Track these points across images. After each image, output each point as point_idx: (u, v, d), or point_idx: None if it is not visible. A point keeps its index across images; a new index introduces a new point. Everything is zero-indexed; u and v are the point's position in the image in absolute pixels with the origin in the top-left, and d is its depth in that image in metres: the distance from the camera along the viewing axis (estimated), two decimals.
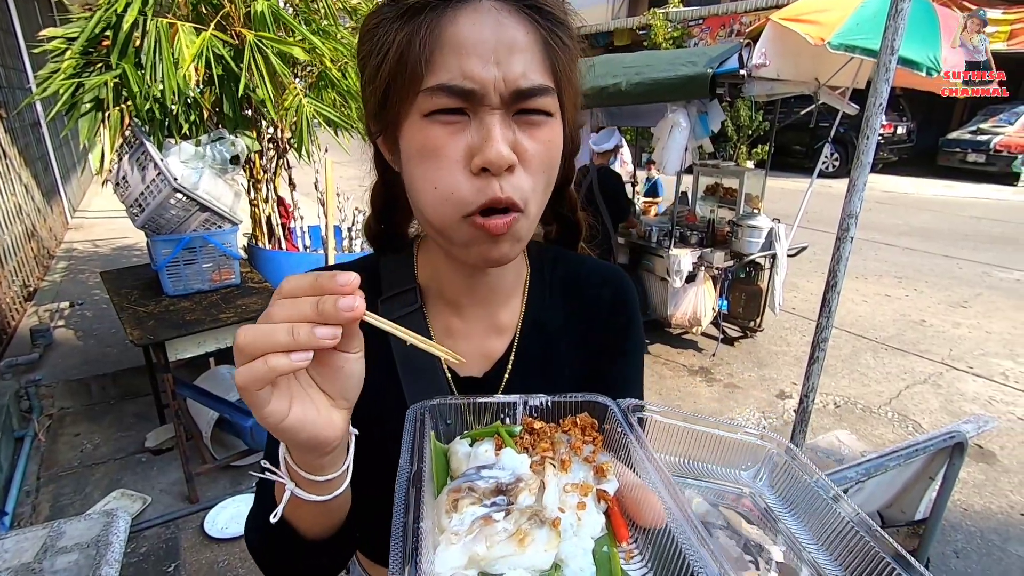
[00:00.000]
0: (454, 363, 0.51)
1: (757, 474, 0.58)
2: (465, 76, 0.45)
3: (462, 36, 0.45)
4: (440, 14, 0.45)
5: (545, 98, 0.48)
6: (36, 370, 3.18)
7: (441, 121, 0.47)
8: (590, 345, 0.65)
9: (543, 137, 0.49)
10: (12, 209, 4.17)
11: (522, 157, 0.48)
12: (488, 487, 0.42)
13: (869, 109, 0.86)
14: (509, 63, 0.45)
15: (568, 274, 0.67)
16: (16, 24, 5.42)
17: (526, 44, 0.46)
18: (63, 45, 2.43)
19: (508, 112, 0.47)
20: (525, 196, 0.49)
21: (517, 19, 0.46)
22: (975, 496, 2.54)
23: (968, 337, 4.17)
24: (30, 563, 1.57)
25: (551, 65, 0.48)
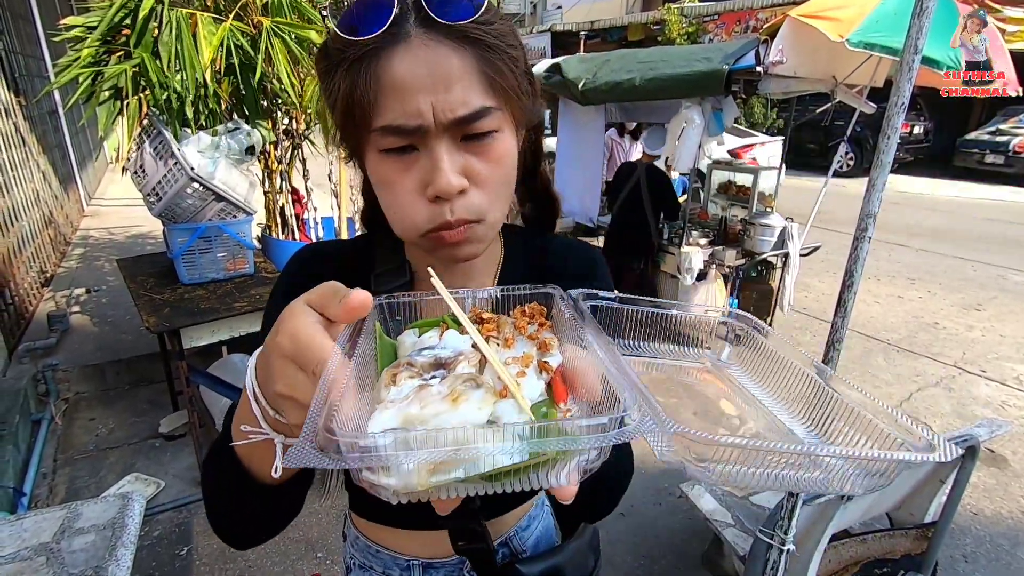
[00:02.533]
0: None
1: (723, 352, 0.58)
2: (407, 115, 0.47)
3: (398, 77, 0.47)
4: (376, 59, 0.47)
5: (488, 119, 0.50)
6: (53, 354, 3.24)
7: (393, 158, 0.50)
8: None
9: (493, 155, 0.52)
10: (30, 196, 4.23)
11: (475, 178, 0.51)
12: (427, 361, 0.41)
13: (890, 108, 0.86)
14: (446, 94, 0.47)
15: (537, 250, 0.71)
16: (35, 12, 5.48)
17: (460, 72, 0.48)
18: (83, 33, 2.46)
19: (455, 138, 0.50)
20: (480, 211, 0.53)
21: (448, 50, 0.47)
22: (985, 500, 2.52)
23: (981, 340, 4.12)
24: (48, 543, 1.61)
25: (490, 84, 0.49)
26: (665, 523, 2.37)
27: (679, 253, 3.67)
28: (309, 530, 2.24)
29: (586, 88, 3.87)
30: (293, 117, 3.15)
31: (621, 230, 3.99)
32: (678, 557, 2.20)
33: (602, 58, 4.06)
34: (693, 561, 2.17)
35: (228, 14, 2.49)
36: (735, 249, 3.75)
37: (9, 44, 4.38)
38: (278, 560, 2.11)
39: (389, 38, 0.47)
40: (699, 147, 3.47)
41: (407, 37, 0.47)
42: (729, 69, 3.06)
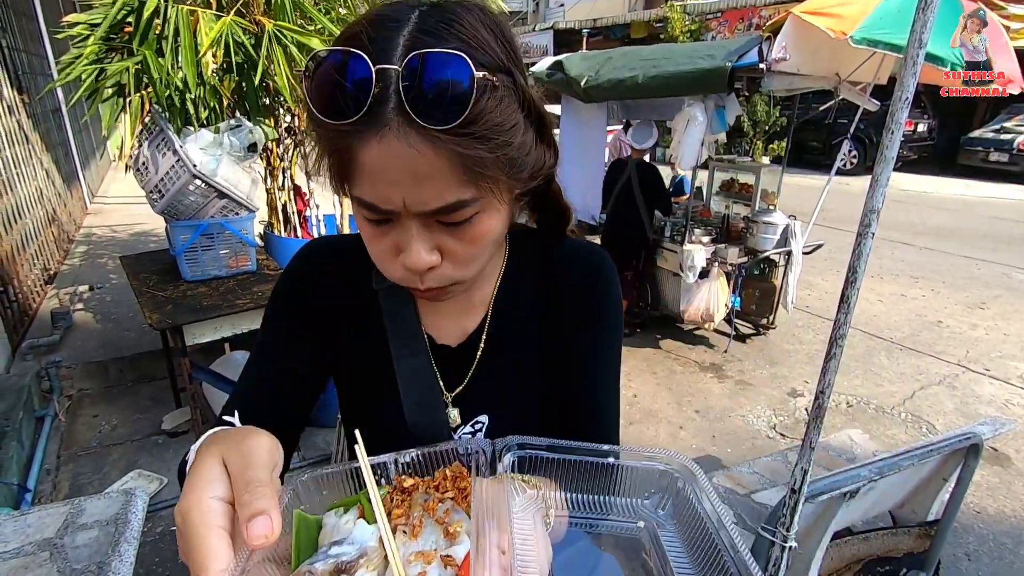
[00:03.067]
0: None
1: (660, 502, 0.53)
2: (379, 199, 0.47)
3: (370, 165, 0.45)
4: (352, 140, 0.45)
5: (465, 209, 0.47)
6: (56, 351, 3.25)
7: (371, 220, 0.50)
8: (562, 321, 0.67)
9: (470, 236, 0.50)
10: (34, 194, 4.24)
11: (448, 255, 0.51)
12: (327, 568, 0.40)
13: (894, 103, 0.85)
14: (416, 190, 0.45)
15: (544, 254, 0.68)
16: (38, 10, 5.49)
17: (434, 170, 0.44)
18: (86, 31, 2.46)
19: (429, 219, 0.48)
20: (453, 279, 0.52)
21: (423, 144, 0.43)
22: (988, 499, 2.52)
23: (985, 339, 4.11)
24: (52, 538, 1.62)
25: (471, 177, 0.46)
26: None
27: (681, 251, 3.66)
28: None
29: (588, 86, 3.86)
30: (295, 115, 3.16)
31: (615, 228, 4.00)
32: None
33: (604, 56, 4.05)
34: None
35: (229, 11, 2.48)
36: (738, 247, 3.75)
37: (12, 42, 4.39)
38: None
39: (365, 120, 0.43)
40: (702, 145, 3.46)
41: (384, 124, 0.43)
42: (732, 66, 3.05)
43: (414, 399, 0.64)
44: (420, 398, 0.65)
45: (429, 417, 0.65)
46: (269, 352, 0.68)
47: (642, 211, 3.82)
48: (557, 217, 0.67)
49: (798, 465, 1.15)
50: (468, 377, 0.66)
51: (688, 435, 2.99)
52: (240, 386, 0.68)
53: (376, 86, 0.42)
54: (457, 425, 0.66)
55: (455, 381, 0.67)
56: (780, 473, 2.16)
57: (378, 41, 0.43)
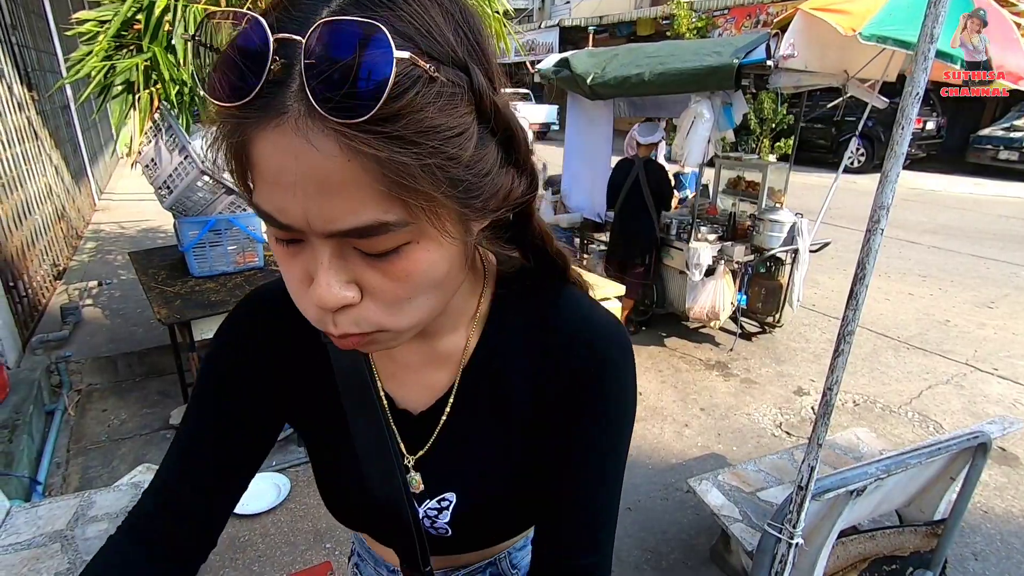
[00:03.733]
0: None
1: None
2: (278, 210, 0.35)
3: (265, 164, 0.34)
4: (247, 127, 0.34)
5: (388, 236, 0.36)
6: (66, 346, 3.28)
7: (277, 236, 0.39)
8: (552, 402, 0.53)
9: (397, 272, 0.38)
10: (43, 190, 4.27)
11: (370, 293, 0.39)
12: None
13: (905, 99, 0.85)
14: (321, 203, 0.34)
15: (540, 312, 0.54)
16: (47, 7, 5.52)
17: (343, 176, 0.33)
18: (96, 28, 2.47)
19: (344, 244, 0.37)
20: (376, 324, 0.40)
21: (329, 143, 0.32)
22: (996, 499, 2.51)
23: (993, 338, 4.08)
24: (63, 530, 1.64)
25: (391, 191, 0.34)
26: (672, 518, 2.37)
27: (687, 249, 3.65)
28: (318, 521, 2.26)
29: (594, 83, 3.86)
30: None
31: (624, 226, 3.99)
32: (685, 552, 2.20)
33: (611, 53, 4.04)
34: (701, 556, 2.17)
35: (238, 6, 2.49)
36: (744, 245, 3.73)
37: (22, 39, 4.42)
38: (287, 550, 2.14)
39: (260, 104, 0.32)
40: (708, 142, 3.45)
41: (282, 112, 0.32)
42: (739, 63, 3.04)
43: (372, 467, 0.56)
44: (377, 467, 0.56)
45: (388, 487, 0.56)
46: (199, 427, 0.57)
47: (651, 209, 3.81)
48: (546, 264, 0.54)
49: (805, 462, 1.15)
50: (430, 443, 0.56)
51: (693, 433, 2.99)
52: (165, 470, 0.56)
53: (274, 61, 0.32)
54: (421, 492, 0.58)
55: (418, 444, 0.57)
56: (786, 471, 2.16)
57: (293, 8, 0.34)
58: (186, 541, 0.55)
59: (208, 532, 0.56)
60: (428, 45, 0.34)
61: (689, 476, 2.19)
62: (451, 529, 0.58)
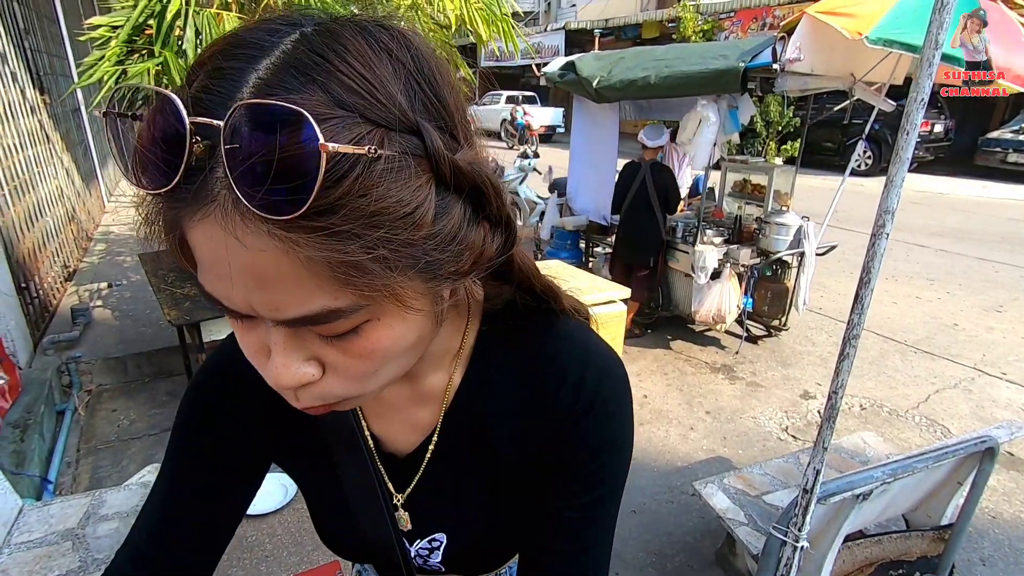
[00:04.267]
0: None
1: None
2: (220, 297, 0.33)
3: (199, 251, 0.32)
4: (176, 212, 0.31)
5: (339, 322, 0.33)
6: (76, 347, 3.31)
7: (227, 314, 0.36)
8: (545, 446, 0.51)
9: (358, 351, 0.35)
10: (54, 192, 4.33)
11: (332, 367, 0.36)
12: None
13: (910, 104, 0.85)
14: (262, 295, 0.31)
15: (529, 345, 0.51)
16: (59, 13, 5.59)
17: (280, 271, 0.30)
18: (108, 33, 2.51)
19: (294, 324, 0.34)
20: (343, 395, 0.38)
21: (258, 239, 0.29)
22: (1004, 504, 2.49)
23: (1002, 342, 4.06)
24: (74, 528, 1.66)
25: (341, 280, 0.31)
26: (677, 521, 2.37)
27: (693, 252, 3.65)
28: None
29: (600, 86, 3.87)
30: None
31: (629, 229, 4.00)
32: (690, 555, 2.20)
33: (617, 56, 4.05)
34: (706, 559, 2.17)
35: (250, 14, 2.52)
36: (750, 248, 3.73)
37: (34, 43, 4.48)
38: (294, 550, 2.15)
39: (186, 190, 0.29)
40: (714, 145, 3.45)
41: (206, 201, 0.29)
42: (745, 67, 3.05)
43: (361, 507, 0.55)
44: (366, 507, 0.55)
45: (377, 526, 0.55)
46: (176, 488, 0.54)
47: (657, 212, 3.82)
48: (536, 299, 0.50)
49: (810, 465, 1.15)
50: (413, 483, 0.56)
51: (698, 436, 2.99)
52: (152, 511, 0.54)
53: (198, 145, 0.28)
54: (411, 531, 0.58)
55: (406, 483, 0.56)
56: (792, 475, 2.16)
57: (217, 80, 0.30)
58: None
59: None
60: (372, 112, 0.30)
61: (694, 479, 2.19)
62: (444, 567, 0.58)
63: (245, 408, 0.54)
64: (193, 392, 0.55)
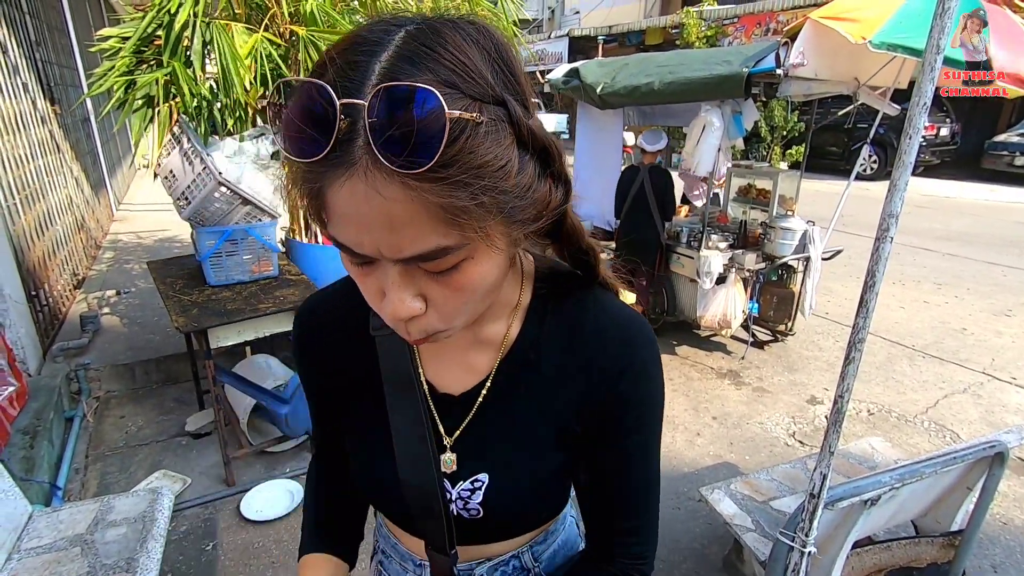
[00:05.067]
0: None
1: None
2: (353, 243, 0.42)
3: (339, 207, 0.41)
4: (322, 178, 0.40)
5: (448, 257, 0.42)
6: (85, 354, 3.34)
7: (352, 260, 0.45)
8: (580, 398, 0.59)
9: (456, 284, 0.45)
10: (64, 201, 4.38)
11: (434, 303, 0.46)
12: None
13: (912, 109, 0.86)
14: (390, 237, 0.40)
15: (576, 311, 0.60)
16: (70, 24, 5.68)
17: (406, 215, 0.39)
18: (118, 44, 2.55)
19: (410, 265, 0.43)
20: (440, 328, 0.48)
21: (392, 189, 0.38)
22: (1015, 510, 2.46)
23: (1011, 347, 4.02)
24: (83, 534, 1.67)
25: (451, 223, 0.40)
26: (685, 527, 2.36)
27: (698, 257, 3.65)
28: None
29: (604, 92, 3.88)
30: None
31: (629, 233, 4.01)
32: (698, 562, 2.18)
33: (620, 62, 4.07)
34: (713, 565, 2.16)
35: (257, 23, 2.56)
36: (755, 253, 3.72)
37: (45, 55, 4.54)
38: None
39: (332, 159, 0.38)
40: (719, 150, 3.46)
41: (351, 164, 0.38)
42: (749, 72, 3.05)
43: (405, 453, 0.61)
44: (411, 453, 0.60)
45: (419, 474, 0.60)
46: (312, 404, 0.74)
47: (655, 216, 3.83)
48: (579, 257, 0.59)
49: (817, 469, 1.15)
50: (466, 423, 0.61)
51: (705, 442, 2.97)
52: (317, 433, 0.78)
53: (342, 121, 0.37)
54: (454, 472, 0.62)
55: (455, 426, 0.62)
56: (799, 480, 2.14)
57: (350, 70, 0.38)
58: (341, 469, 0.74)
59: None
60: (471, 88, 0.39)
61: (701, 485, 2.18)
62: (482, 510, 0.62)
63: (325, 347, 0.66)
64: (295, 335, 0.69)
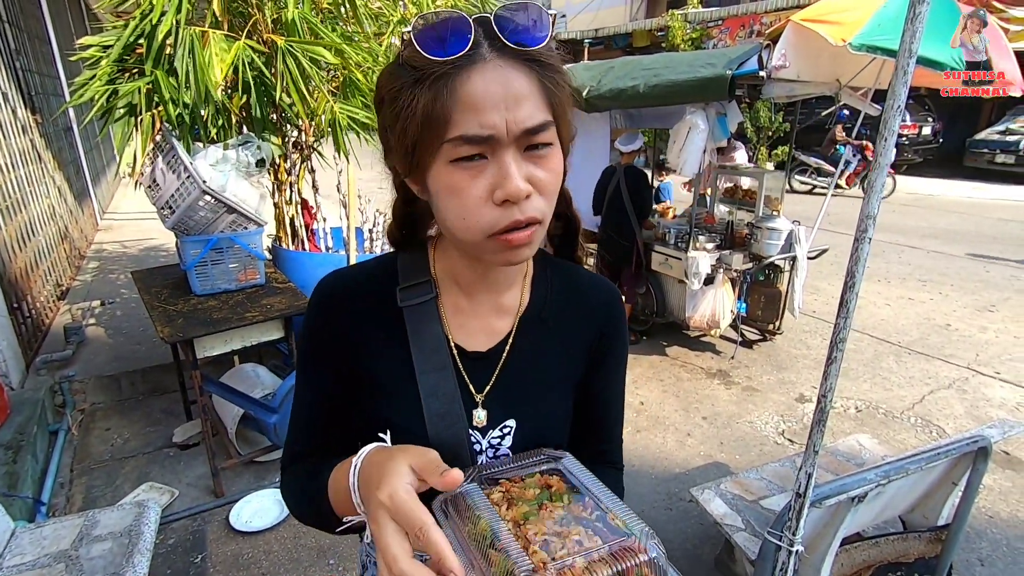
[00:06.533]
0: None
1: None
2: (482, 126, 0.53)
3: (476, 94, 0.53)
4: (456, 78, 0.53)
5: (548, 132, 0.56)
6: (69, 366, 3.29)
7: (464, 167, 0.55)
8: (586, 343, 0.75)
9: (550, 166, 0.58)
10: (46, 211, 4.32)
11: (536, 185, 0.57)
12: None
13: (887, 112, 0.87)
14: (517, 109, 0.54)
15: (568, 277, 0.76)
16: (51, 33, 5.61)
17: (528, 91, 0.54)
18: (99, 53, 2.52)
19: (519, 149, 0.56)
20: (543, 212, 0.59)
21: (519, 71, 0.54)
22: (1001, 503, 2.49)
23: (995, 342, 4.08)
24: (67, 550, 1.64)
25: (549, 103, 0.56)
26: (676, 527, 2.37)
27: (686, 258, 3.67)
28: (321, 537, 2.25)
29: (590, 96, 3.90)
30: (302, 130, 3.21)
31: (610, 230, 4.06)
32: (690, 562, 2.19)
33: (606, 65, 4.09)
34: (705, 565, 2.16)
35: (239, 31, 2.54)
36: (742, 253, 3.75)
37: (26, 64, 4.49)
38: (291, 567, 2.13)
39: (466, 59, 0.53)
40: (704, 152, 3.48)
41: (483, 59, 0.53)
42: (732, 74, 3.08)
43: (435, 411, 0.67)
44: (442, 409, 0.67)
45: (450, 429, 0.67)
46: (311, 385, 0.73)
47: (631, 215, 3.89)
48: (569, 222, 0.76)
49: (802, 469, 1.15)
50: (494, 377, 0.70)
51: (695, 442, 2.99)
52: (301, 416, 0.74)
53: (475, 32, 0.53)
54: (484, 426, 0.69)
55: (485, 382, 0.70)
56: (788, 479, 2.16)
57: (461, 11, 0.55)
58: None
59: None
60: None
61: (692, 485, 2.19)
62: (511, 454, 0.70)
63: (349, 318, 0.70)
64: (314, 303, 0.71)
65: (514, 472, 0.61)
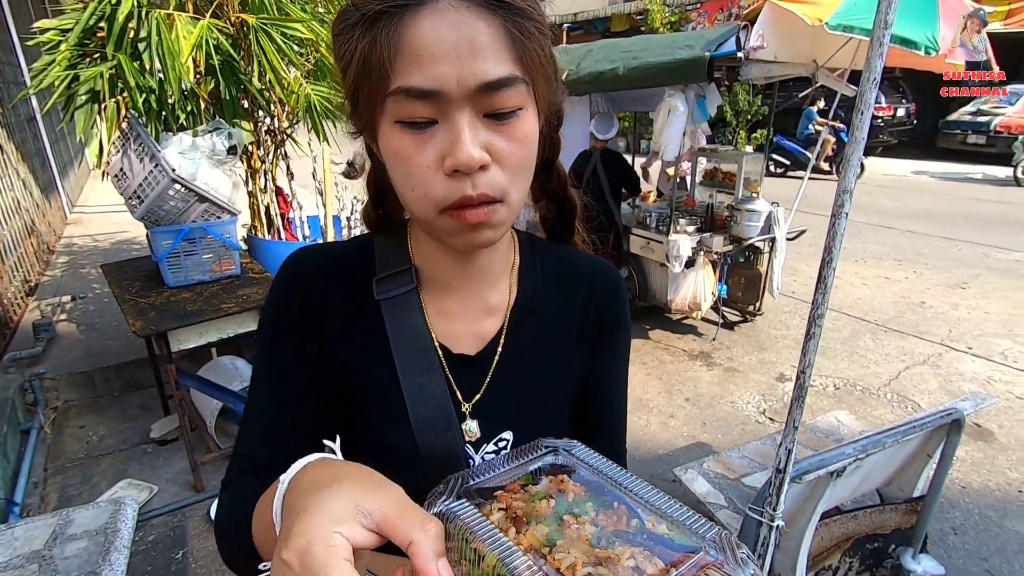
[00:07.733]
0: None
1: None
2: (428, 77, 0.44)
3: (423, 39, 0.44)
4: (400, 19, 0.45)
5: (513, 89, 0.46)
6: (40, 363, 3.20)
7: (410, 131, 0.47)
8: (584, 334, 0.66)
9: (517, 134, 0.48)
10: (11, 204, 4.17)
11: (497, 156, 0.48)
12: None
13: (863, 84, 0.86)
14: (472, 59, 0.44)
15: (561, 263, 0.67)
16: (9, 18, 5.38)
17: (488, 38, 0.45)
18: (57, 37, 2.42)
19: (477, 112, 0.47)
20: (502, 189, 0.49)
21: (477, 15, 0.45)
22: (973, 474, 2.57)
23: (967, 318, 4.18)
24: (40, 550, 1.60)
25: (518, 55, 0.47)
26: None
27: (667, 241, 3.68)
28: None
29: (569, 79, 3.87)
30: (275, 115, 3.13)
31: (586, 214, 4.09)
32: None
33: (585, 48, 4.06)
34: None
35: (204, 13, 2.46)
36: (722, 235, 3.77)
37: None
38: None
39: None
40: (683, 134, 3.48)
41: (435, 2, 0.44)
42: (711, 56, 3.07)
43: (423, 419, 0.58)
44: (430, 417, 0.58)
45: (441, 438, 0.58)
46: (276, 373, 0.60)
47: (608, 198, 3.91)
48: (564, 205, 0.67)
49: (782, 445, 1.16)
50: (485, 384, 0.61)
51: (679, 423, 3.02)
52: (258, 416, 0.60)
53: None
54: (477, 439, 0.60)
55: (474, 390, 0.61)
56: (769, 456, 2.19)
57: None
58: None
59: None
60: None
61: (675, 466, 2.21)
62: None
63: (320, 304, 0.60)
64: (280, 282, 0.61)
65: (511, 475, 0.45)
